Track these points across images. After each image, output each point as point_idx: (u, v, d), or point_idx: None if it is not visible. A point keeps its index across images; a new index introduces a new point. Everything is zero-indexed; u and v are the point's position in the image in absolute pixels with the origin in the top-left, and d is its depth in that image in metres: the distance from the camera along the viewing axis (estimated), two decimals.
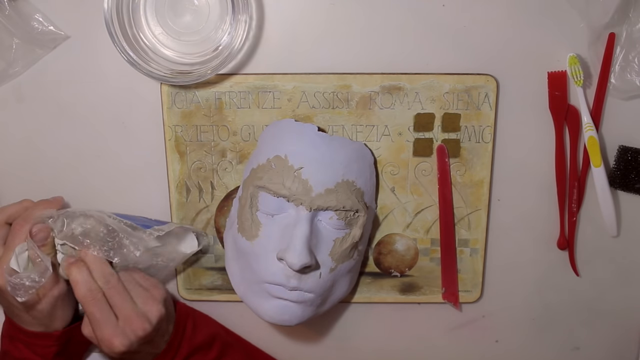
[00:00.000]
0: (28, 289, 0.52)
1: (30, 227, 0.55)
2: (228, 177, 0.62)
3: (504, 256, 0.65)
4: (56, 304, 0.57)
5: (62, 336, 0.58)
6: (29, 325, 0.57)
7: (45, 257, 0.53)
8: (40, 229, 0.55)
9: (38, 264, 0.53)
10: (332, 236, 0.56)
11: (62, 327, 0.58)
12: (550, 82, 0.60)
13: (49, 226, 0.55)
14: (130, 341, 0.54)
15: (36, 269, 0.53)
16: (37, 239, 0.54)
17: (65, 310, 0.59)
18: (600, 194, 0.61)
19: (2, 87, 0.60)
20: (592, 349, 0.69)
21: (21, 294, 0.52)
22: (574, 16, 0.58)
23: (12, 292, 0.52)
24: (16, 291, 0.52)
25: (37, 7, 0.58)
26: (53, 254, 0.56)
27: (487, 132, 0.61)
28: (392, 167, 0.62)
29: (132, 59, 0.54)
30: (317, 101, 0.60)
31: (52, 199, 0.59)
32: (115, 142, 0.62)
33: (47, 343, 0.58)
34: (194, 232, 0.62)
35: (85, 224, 0.55)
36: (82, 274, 0.54)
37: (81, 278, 0.54)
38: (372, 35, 0.59)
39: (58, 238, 0.56)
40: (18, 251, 0.54)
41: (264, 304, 0.57)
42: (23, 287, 0.51)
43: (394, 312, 0.67)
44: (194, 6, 0.56)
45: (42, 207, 0.57)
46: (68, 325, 0.59)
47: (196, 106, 0.60)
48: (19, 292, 0.52)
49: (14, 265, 0.53)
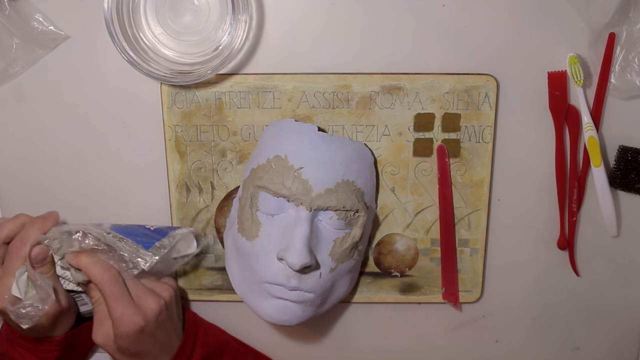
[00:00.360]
0: (32, 317, 0.52)
1: (29, 250, 0.54)
2: (228, 177, 0.62)
3: (504, 256, 0.65)
4: (57, 319, 0.57)
5: (63, 341, 0.58)
6: (29, 334, 0.57)
7: (46, 282, 0.53)
8: (38, 251, 0.54)
9: (39, 286, 0.53)
10: (332, 236, 0.56)
11: (63, 334, 0.58)
12: (550, 82, 0.60)
13: (46, 248, 0.55)
14: (147, 319, 0.54)
15: (38, 294, 0.52)
16: (35, 261, 0.54)
17: (67, 321, 0.58)
18: (600, 194, 0.61)
19: (2, 87, 0.60)
20: (592, 349, 0.69)
21: (25, 322, 0.52)
22: (574, 16, 0.58)
23: (16, 320, 0.52)
24: (20, 319, 0.52)
25: (37, 7, 0.58)
26: (53, 272, 0.56)
27: (487, 132, 0.61)
28: (392, 167, 0.62)
29: (132, 59, 0.54)
30: (317, 101, 0.60)
31: (48, 215, 0.57)
32: (115, 142, 0.62)
33: (49, 348, 0.58)
34: (193, 234, 0.62)
35: (83, 242, 0.55)
36: (93, 257, 0.54)
37: (92, 260, 0.54)
38: (372, 35, 0.59)
39: (57, 256, 0.56)
40: (18, 275, 0.53)
41: (264, 304, 0.57)
42: (27, 316, 0.52)
43: (394, 312, 0.67)
44: (194, 6, 0.56)
45: (38, 225, 0.55)
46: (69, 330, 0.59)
47: (196, 106, 0.60)
48: (23, 321, 0.52)
49: (15, 292, 0.52)
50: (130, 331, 0.53)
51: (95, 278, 0.54)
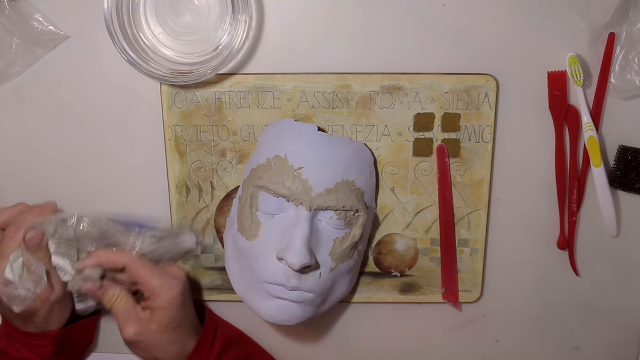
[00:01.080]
0: (24, 300, 0.52)
1: (24, 234, 0.55)
2: (228, 177, 0.62)
3: (504, 256, 0.65)
4: (52, 310, 0.57)
5: (58, 336, 0.58)
6: (25, 327, 0.57)
7: (40, 266, 0.53)
8: (33, 235, 0.55)
9: (33, 271, 0.53)
10: (332, 236, 0.56)
11: (58, 329, 0.58)
12: (550, 82, 0.60)
13: (42, 232, 0.55)
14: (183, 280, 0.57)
15: (31, 277, 0.53)
16: (30, 245, 0.55)
17: (62, 314, 0.59)
18: (600, 194, 0.61)
19: (2, 87, 0.60)
20: (592, 349, 0.69)
21: (17, 305, 0.52)
22: (574, 16, 0.58)
23: (9, 303, 0.52)
24: (12, 302, 0.52)
25: (37, 7, 0.58)
26: (48, 259, 0.56)
27: (487, 132, 0.61)
28: (392, 167, 0.62)
29: (132, 59, 0.54)
30: (317, 101, 0.60)
31: (46, 205, 0.59)
32: (115, 142, 0.62)
33: (45, 343, 0.58)
34: (191, 232, 0.62)
35: (78, 228, 0.55)
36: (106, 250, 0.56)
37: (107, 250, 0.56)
38: (372, 35, 0.59)
39: (52, 242, 0.56)
40: (12, 259, 0.53)
41: (264, 304, 0.57)
42: (19, 298, 0.52)
43: (394, 312, 0.67)
44: (194, 6, 0.56)
45: (35, 213, 0.57)
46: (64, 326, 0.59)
47: (196, 106, 0.60)
48: (15, 303, 0.52)
49: (9, 275, 0.53)
50: (172, 296, 0.55)
51: (120, 261, 0.55)
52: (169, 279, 0.56)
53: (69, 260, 0.57)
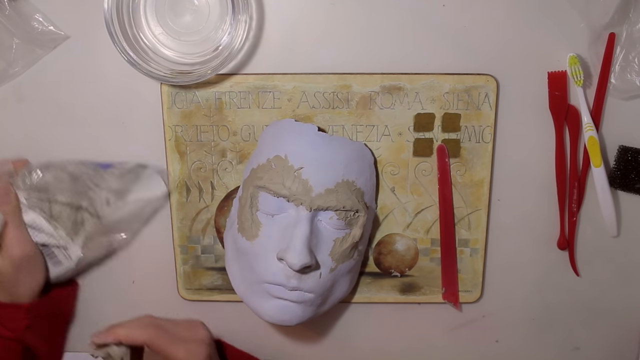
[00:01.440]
0: None
1: None
2: (228, 177, 0.62)
3: (504, 256, 0.65)
4: (20, 266, 0.55)
5: (31, 308, 0.57)
6: None
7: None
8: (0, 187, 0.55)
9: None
10: (332, 236, 0.56)
11: (29, 297, 0.57)
12: (550, 82, 0.60)
13: (9, 183, 0.55)
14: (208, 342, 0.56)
15: None
16: None
17: (32, 276, 0.57)
18: (600, 194, 0.61)
19: (2, 87, 0.60)
20: (592, 349, 0.69)
21: None
22: (574, 16, 0.58)
23: None
24: None
25: (37, 7, 0.58)
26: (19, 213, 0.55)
27: (487, 132, 0.61)
28: (392, 167, 0.62)
29: (132, 59, 0.54)
30: (317, 101, 0.60)
31: (17, 160, 0.58)
32: (115, 142, 0.62)
33: (17, 317, 0.56)
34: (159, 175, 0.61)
35: (46, 174, 0.55)
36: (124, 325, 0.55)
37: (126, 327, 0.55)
38: (372, 35, 0.59)
39: (22, 192, 0.56)
40: None
41: (264, 304, 0.57)
42: None
43: (394, 312, 0.67)
44: (194, 6, 0.56)
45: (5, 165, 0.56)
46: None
47: (196, 106, 0.60)
48: None
49: None
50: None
51: (139, 338, 0.54)
52: (195, 346, 0.55)
53: (42, 216, 0.56)
